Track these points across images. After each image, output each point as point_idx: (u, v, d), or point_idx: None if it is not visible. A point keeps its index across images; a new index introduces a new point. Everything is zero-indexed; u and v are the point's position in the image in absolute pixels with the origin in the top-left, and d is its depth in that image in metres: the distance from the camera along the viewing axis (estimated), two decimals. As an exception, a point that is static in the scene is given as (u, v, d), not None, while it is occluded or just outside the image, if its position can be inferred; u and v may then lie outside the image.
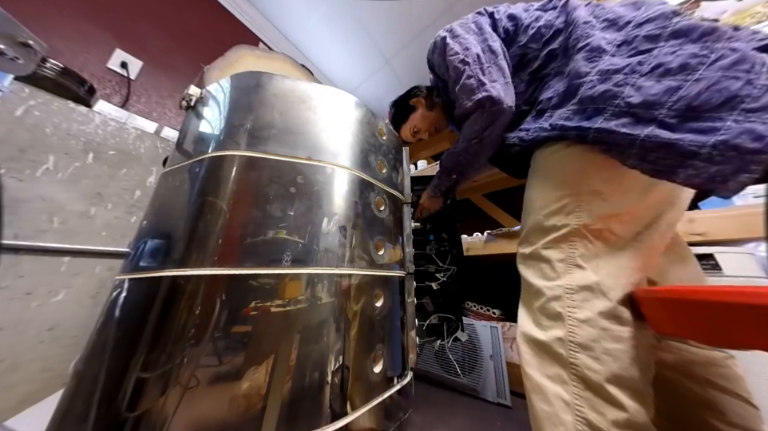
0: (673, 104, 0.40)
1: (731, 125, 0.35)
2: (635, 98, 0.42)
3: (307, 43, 2.10)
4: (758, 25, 0.67)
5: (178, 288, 0.44)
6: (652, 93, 0.41)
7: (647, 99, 0.41)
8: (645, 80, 0.43)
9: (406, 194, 0.83)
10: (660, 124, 0.40)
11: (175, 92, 1.40)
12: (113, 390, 0.39)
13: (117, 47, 1.24)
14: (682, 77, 0.40)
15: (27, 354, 0.67)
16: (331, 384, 0.46)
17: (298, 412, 0.42)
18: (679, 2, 0.81)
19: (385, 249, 0.65)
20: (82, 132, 0.84)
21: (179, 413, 0.37)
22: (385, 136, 0.81)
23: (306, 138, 0.61)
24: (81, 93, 0.92)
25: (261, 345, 0.43)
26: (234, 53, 0.98)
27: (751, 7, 0.69)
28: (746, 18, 0.69)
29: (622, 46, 0.48)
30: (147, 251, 0.52)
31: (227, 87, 0.65)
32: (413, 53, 2.02)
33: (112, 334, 0.45)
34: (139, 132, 0.96)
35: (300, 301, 0.48)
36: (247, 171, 0.54)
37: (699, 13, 0.76)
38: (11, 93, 0.73)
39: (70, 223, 0.78)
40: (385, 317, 0.59)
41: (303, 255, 0.50)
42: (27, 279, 0.70)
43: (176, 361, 0.40)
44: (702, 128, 0.37)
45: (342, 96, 0.71)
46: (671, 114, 0.39)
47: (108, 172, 0.87)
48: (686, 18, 0.45)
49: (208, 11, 1.72)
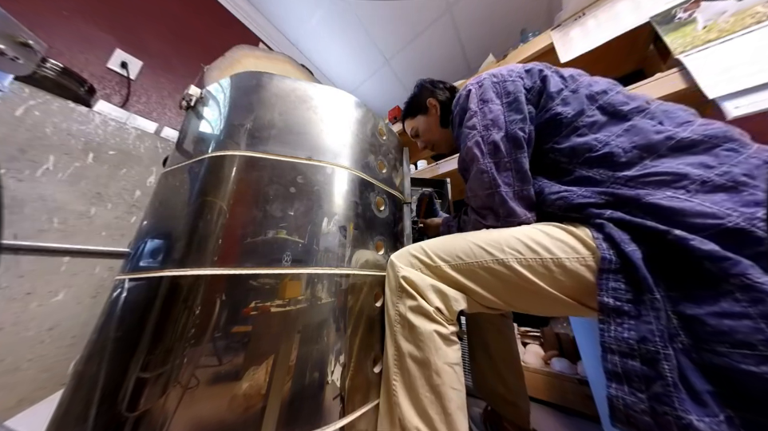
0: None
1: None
2: None
3: (307, 43, 2.10)
4: (758, 25, 0.67)
5: (178, 288, 0.44)
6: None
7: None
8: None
9: (406, 194, 0.83)
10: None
11: (175, 92, 1.39)
12: (113, 390, 0.39)
13: (117, 47, 1.24)
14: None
15: (27, 354, 0.67)
16: (331, 384, 0.46)
17: (298, 412, 0.42)
18: (679, 2, 0.81)
19: (385, 249, 0.65)
20: (82, 132, 0.84)
21: (179, 413, 0.37)
22: (385, 136, 0.81)
23: (306, 138, 0.61)
24: (81, 93, 0.92)
25: (261, 345, 0.43)
26: (234, 53, 0.98)
27: (751, 7, 0.69)
28: (746, 18, 0.69)
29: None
30: (147, 250, 0.52)
31: (228, 87, 0.65)
32: (413, 53, 2.03)
33: (112, 334, 0.45)
34: (139, 132, 0.96)
35: (300, 301, 0.48)
36: (247, 171, 0.54)
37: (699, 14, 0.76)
38: (11, 93, 0.73)
39: (70, 223, 0.78)
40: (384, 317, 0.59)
41: (303, 255, 0.50)
42: (27, 279, 0.70)
43: (176, 361, 0.40)
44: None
45: (342, 96, 0.71)
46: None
47: (108, 172, 0.87)
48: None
49: (209, 11, 1.72)
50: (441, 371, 0.45)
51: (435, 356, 0.45)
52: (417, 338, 0.47)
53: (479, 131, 0.57)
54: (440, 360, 0.45)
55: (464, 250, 0.50)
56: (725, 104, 0.65)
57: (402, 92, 2.34)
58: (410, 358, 0.47)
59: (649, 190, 0.40)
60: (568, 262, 0.42)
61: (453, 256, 0.51)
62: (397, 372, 0.48)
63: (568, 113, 0.52)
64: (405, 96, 0.93)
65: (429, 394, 0.44)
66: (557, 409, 1.02)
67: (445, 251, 0.52)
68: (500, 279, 0.47)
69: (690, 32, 0.76)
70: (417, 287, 0.51)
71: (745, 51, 0.67)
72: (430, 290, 0.50)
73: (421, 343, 0.47)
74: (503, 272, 0.46)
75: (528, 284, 0.44)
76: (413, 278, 0.51)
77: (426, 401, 0.43)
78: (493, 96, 0.58)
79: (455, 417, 0.42)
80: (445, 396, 0.43)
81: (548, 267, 0.43)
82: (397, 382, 0.47)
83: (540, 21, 1.68)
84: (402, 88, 2.33)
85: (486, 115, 0.57)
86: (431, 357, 0.45)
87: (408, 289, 0.51)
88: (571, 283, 0.42)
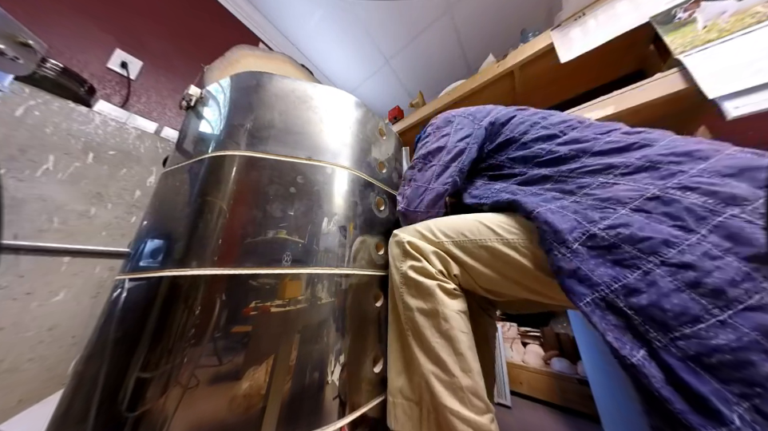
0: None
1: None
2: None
3: (307, 43, 2.10)
4: (758, 25, 0.67)
5: (178, 288, 0.44)
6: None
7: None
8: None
9: (406, 194, 0.83)
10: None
11: (175, 93, 1.39)
12: (113, 390, 0.39)
13: (117, 47, 1.24)
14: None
15: (27, 354, 0.67)
16: (331, 384, 0.46)
17: (298, 412, 0.42)
18: (679, 2, 0.81)
19: (386, 249, 0.65)
20: (82, 132, 0.84)
21: (179, 413, 0.37)
22: (385, 136, 0.81)
23: (306, 138, 0.61)
24: (81, 93, 0.92)
25: (261, 345, 0.43)
26: (234, 53, 0.98)
27: (751, 7, 0.69)
28: (746, 18, 0.69)
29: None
30: (147, 250, 0.52)
31: (227, 87, 0.65)
32: (413, 53, 2.02)
33: (112, 334, 0.45)
34: (139, 132, 0.96)
35: (300, 301, 0.48)
36: (247, 171, 0.54)
37: (699, 14, 0.76)
38: (11, 93, 0.73)
39: (70, 223, 0.78)
40: (385, 317, 0.59)
41: (303, 255, 0.50)
42: (27, 279, 0.69)
43: (176, 361, 0.40)
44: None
45: (342, 96, 0.71)
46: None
47: (108, 171, 0.87)
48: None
49: (209, 11, 1.72)
50: (449, 317, 0.48)
51: (441, 305, 0.48)
52: (424, 293, 0.50)
53: (410, 188, 0.64)
54: (446, 308, 0.48)
55: (470, 228, 0.53)
56: (725, 104, 0.65)
57: (402, 92, 2.33)
58: (418, 312, 0.50)
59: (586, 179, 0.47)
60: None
61: (458, 233, 0.53)
62: (408, 328, 0.51)
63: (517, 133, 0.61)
64: (406, 96, 0.93)
65: (439, 340, 0.47)
66: (557, 409, 1.02)
67: (450, 229, 0.55)
68: (499, 259, 0.49)
69: (690, 32, 0.76)
70: (421, 251, 0.53)
71: (745, 51, 0.67)
72: (433, 255, 0.53)
73: (427, 296, 0.50)
74: (505, 252, 0.48)
75: (516, 262, 0.47)
76: (418, 244, 0.54)
77: (438, 347, 0.46)
78: (435, 150, 0.65)
79: (466, 356, 0.46)
80: (454, 338, 0.46)
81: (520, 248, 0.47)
82: (409, 336, 0.50)
83: (540, 21, 1.67)
84: (402, 88, 2.32)
85: (424, 172, 0.64)
86: (437, 306, 0.48)
87: (412, 252, 0.54)
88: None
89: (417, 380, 0.48)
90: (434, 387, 0.44)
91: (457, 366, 0.45)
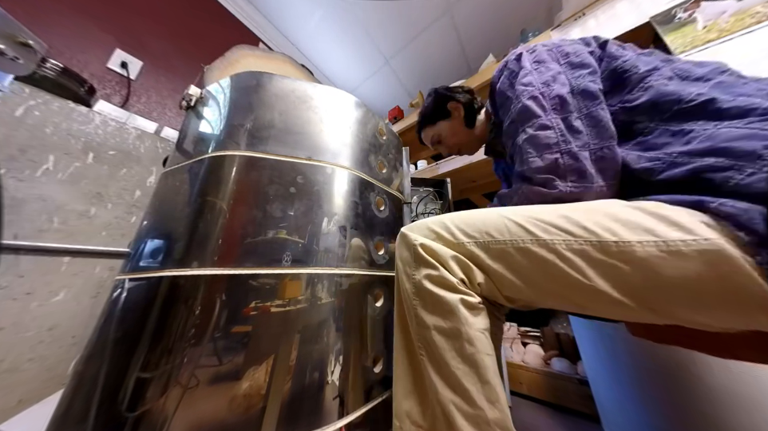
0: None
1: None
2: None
3: (307, 43, 2.10)
4: (758, 25, 0.67)
5: (178, 288, 0.44)
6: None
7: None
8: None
9: (406, 194, 0.83)
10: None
11: (175, 93, 1.39)
12: (113, 390, 0.39)
13: (117, 47, 1.24)
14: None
15: (27, 354, 0.67)
16: (331, 384, 0.46)
17: (298, 412, 0.42)
18: (679, 2, 0.81)
19: (385, 249, 0.65)
20: (82, 132, 0.84)
21: (179, 413, 0.37)
22: (386, 136, 0.81)
23: (306, 138, 0.61)
24: (81, 93, 0.92)
25: (261, 345, 0.43)
26: (234, 53, 0.98)
27: (751, 7, 0.69)
28: (746, 18, 0.69)
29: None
30: (147, 250, 0.52)
31: (227, 87, 0.65)
32: (413, 53, 2.02)
33: (112, 334, 0.45)
34: (139, 132, 0.96)
35: (300, 301, 0.48)
36: (247, 171, 0.54)
37: (699, 14, 0.76)
38: (11, 93, 0.73)
39: (70, 223, 0.78)
40: (385, 317, 0.59)
41: (303, 255, 0.50)
42: (27, 279, 0.70)
43: (176, 361, 0.40)
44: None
45: (342, 96, 0.71)
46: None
47: (108, 171, 0.87)
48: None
49: (209, 11, 1.72)
50: (474, 339, 0.40)
51: (465, 326, 0.40)
52: (443, 309, 0.42)
53: (537, 87, 0.49)
54: (471, 329, 0.40)
55: (497, 226, 0.43)
56: (725, 104, 0.65)
57: (402, 92, 2.34)
58: (436, 331, 0.42)
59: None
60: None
61: (482, 233, 0.43)
62: (421, 347, 0.43)
63: (638, 69, 0.45)
64: (406, 96, 0.92)
65: (462, 365, 0.40)
66: (557, 409, 1.02)
67: (472, 227, 0.44)
68: (537, 265, 0.39)
69: (690, 32, 0.76)
70: (438, 256, 0.44)
71: (745, 51, 0.67)
72: (452, 260, 0.43)
73: (448, 313, 0.41)
74: (545, 256, 0.38)
75: (578, 274, 0.36)
76: (433, 247, 0.44)
77: (460, 374, 0.39)
78: (549, 59, 0.52)
79: (493, 384, 0.38)
80: (480, 364, 0.39)
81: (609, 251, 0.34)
82: (423, 358, 0.43)
83: (540, 21, 1.68)
84: (402, 88, 2.33)
85: (544, 73, 0.50)
86: (461, 327, 0.40)
87: (427, 258, 0.44)
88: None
89: (430, 406, 0.41)
90: (455, 419, 0.38)
91: (483, 396, 0.38)
